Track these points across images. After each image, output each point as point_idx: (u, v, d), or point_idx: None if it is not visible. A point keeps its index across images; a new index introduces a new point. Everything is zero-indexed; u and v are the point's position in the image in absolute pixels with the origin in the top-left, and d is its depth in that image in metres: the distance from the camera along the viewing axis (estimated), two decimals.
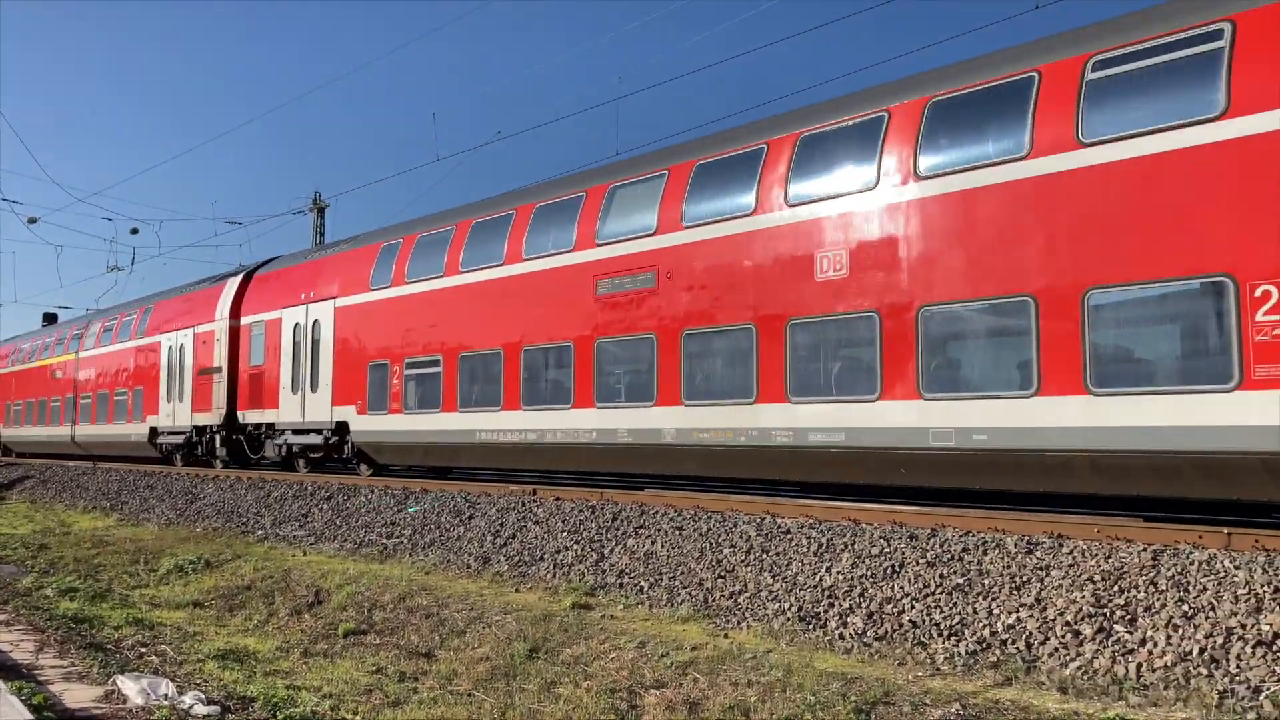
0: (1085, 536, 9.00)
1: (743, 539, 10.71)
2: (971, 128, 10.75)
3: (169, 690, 7.47)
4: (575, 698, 7.91)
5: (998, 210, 10.35)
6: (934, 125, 11.08)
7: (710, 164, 13.52)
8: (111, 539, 17.75)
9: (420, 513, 15.13)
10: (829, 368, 11.76)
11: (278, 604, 12.16)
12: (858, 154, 11.74)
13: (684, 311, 13.36)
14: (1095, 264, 9.56)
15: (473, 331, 16.86)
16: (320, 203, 38.86)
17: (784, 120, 13.01)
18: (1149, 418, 9.14)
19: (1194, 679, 6.65)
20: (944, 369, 10.73)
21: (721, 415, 12.74)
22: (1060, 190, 9.89)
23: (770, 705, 7.14)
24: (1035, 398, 9.89)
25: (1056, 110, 10.02)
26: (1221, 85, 8.93)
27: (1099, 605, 7.63)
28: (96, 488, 25.40)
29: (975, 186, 10.55)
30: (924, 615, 8.34)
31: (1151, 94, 9.41)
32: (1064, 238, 9.82)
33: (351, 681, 8.93)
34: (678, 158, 14.15)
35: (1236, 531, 8.46)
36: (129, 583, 14.23)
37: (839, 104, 12.43)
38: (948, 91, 11.09)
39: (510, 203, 16.96)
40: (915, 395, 10.80)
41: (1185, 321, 9.08)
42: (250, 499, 19.20)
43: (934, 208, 10.88)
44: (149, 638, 10.52)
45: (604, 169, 15.72)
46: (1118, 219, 9.45)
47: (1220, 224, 8.80)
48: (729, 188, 13.11)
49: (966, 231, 10.58)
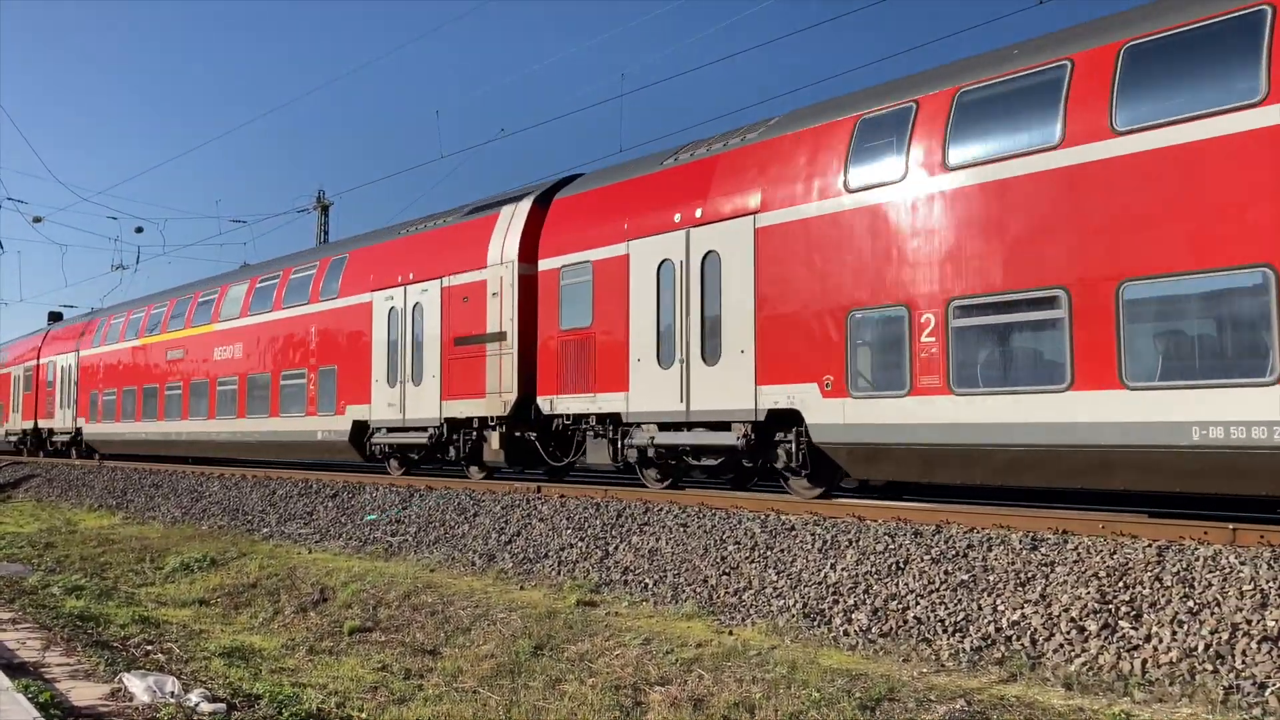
0: (1090, 533, 8.98)
1: (747, 536, 10.71)
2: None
3: (175, 688, 7.49)
4: (580, 695, 7.92)
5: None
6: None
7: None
8: (117, 537, 17.81)
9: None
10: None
11: (283, 602, 12.18)
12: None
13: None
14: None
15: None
16: (324, 201, 38.95)
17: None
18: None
19: (1199, 675, 6.64)
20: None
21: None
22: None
23: (775, 702, 7.14)
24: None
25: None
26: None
27: (1104, 601, 7.62)
28: (102, 486, 25.46)
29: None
30: (929, 612, 8.34)
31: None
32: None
33: (357, 679, 8.94)
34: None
35: (1242, 528, 8.44)
36: (135, 581, 14.26)
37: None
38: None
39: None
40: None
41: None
42: (255, 497, 19.23)
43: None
44: (155, 635, 10.54)
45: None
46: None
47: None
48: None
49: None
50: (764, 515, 11.20)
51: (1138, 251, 9.32)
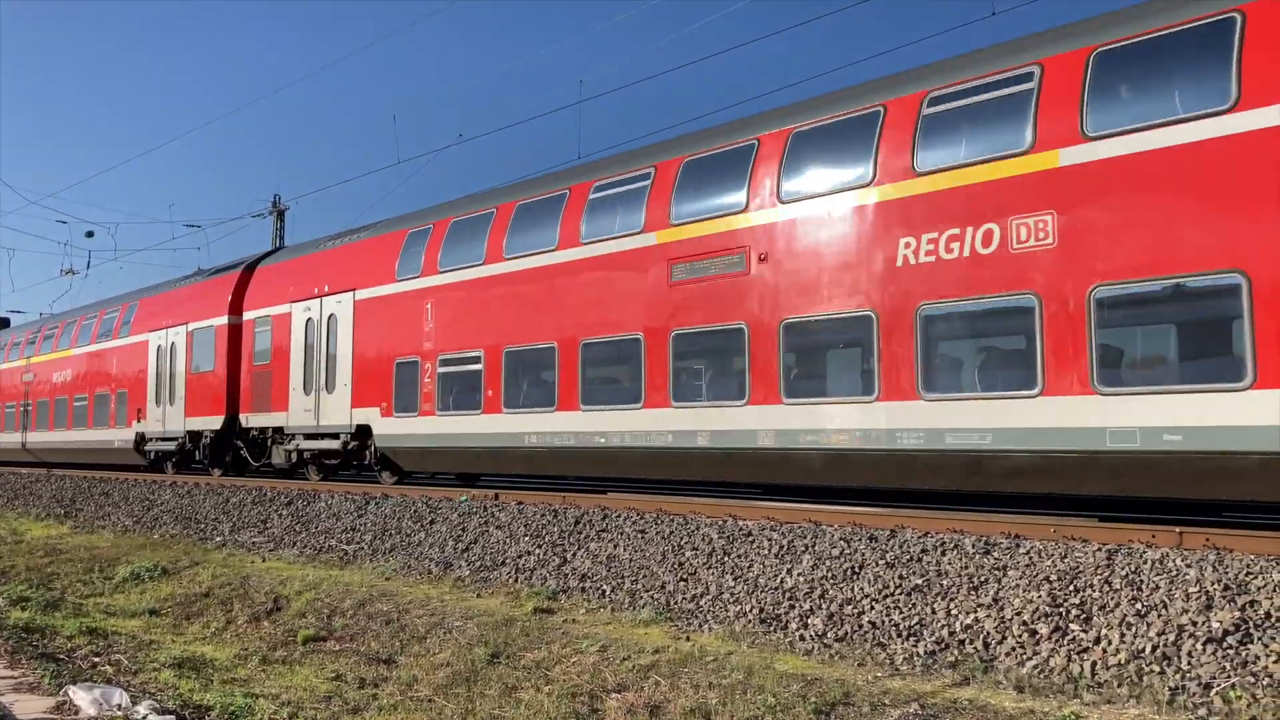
0: (1042, 537, 9.11)
1: (705, 541, 10.73)
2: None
3: (122, 700, 7.35)
4: (536, 702, 7.89)
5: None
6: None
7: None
8: (65, 547, 17.44)
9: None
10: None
11: (236, 611, 12.01)
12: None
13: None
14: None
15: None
16: (280, 205, 38.52)
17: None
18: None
19: (1147, 676, 6.76)
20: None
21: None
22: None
23: (731, 707, 7.16)
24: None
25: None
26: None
27: (1055, 605, 7.73)
28: (50, 495, 24.94)
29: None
30: (883, 616, 8.40)
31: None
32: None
33: (311, 688, 8.83)
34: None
35: (1188, 531, 8.61)
36: (83, 591, 13.98)
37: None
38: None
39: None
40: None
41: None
42: (209, 505, 18.95)
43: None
44: (103, 647, 10.34)
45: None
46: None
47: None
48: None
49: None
50: (722, 521, 11.24)
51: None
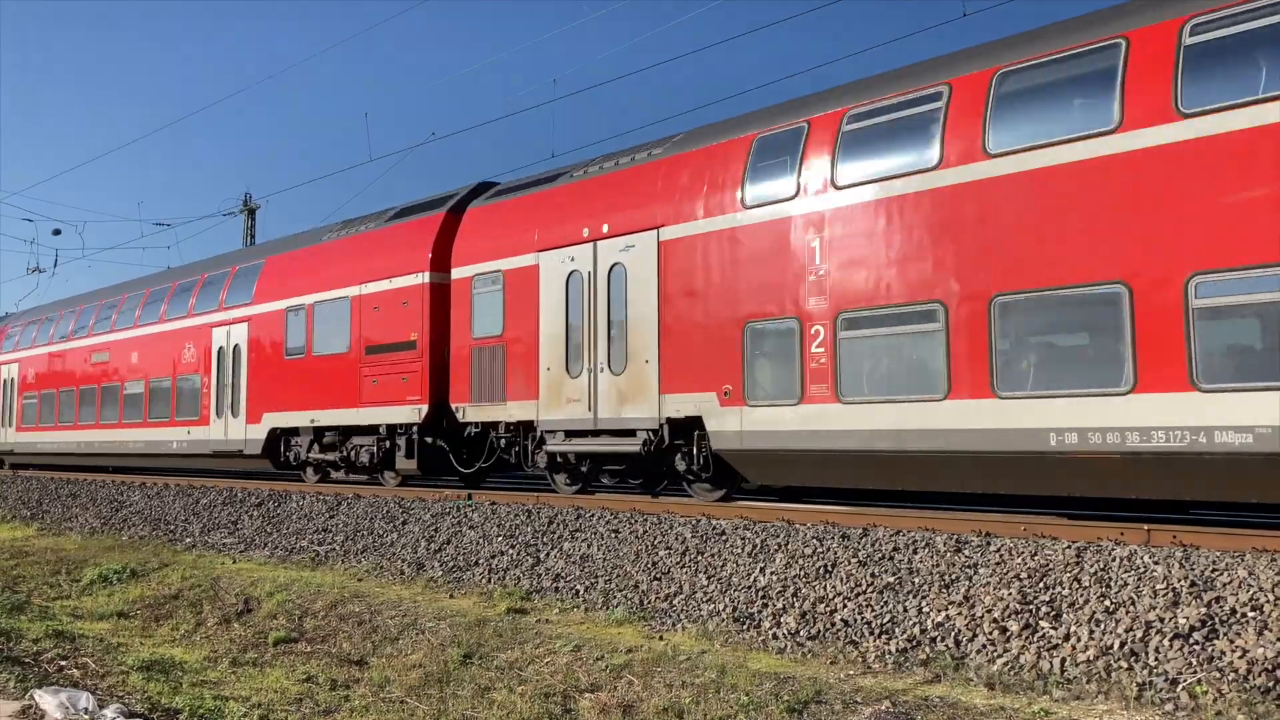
0: (1012, 534, 9.18)
1: (678, 541, 10.74)
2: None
3: (89, 703, 7.27)
4: (509, 703, 7.87)
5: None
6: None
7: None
8: (32, 549, 17.21)
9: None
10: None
11: (206, 613, 11.90)
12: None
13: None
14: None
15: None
16: (251, 204, 38.17)
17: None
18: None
19: (1115, 672, 6.83)
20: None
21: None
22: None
23: (704, 706, 7.17)
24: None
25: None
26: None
27: (1025, 602, 7.79)
28: (16, 496, 24.60)
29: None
30: (856, 614, 8.44)
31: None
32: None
33: (281, 691, 8.77)
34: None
35: (1156, 528, 8.70)
36: (50, 594, 13.82)
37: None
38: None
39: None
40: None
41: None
42: (178, 506, 18.76)
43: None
44: (70, 650, 10.22)
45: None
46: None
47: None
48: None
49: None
50: (695, 520, 11.25)
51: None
